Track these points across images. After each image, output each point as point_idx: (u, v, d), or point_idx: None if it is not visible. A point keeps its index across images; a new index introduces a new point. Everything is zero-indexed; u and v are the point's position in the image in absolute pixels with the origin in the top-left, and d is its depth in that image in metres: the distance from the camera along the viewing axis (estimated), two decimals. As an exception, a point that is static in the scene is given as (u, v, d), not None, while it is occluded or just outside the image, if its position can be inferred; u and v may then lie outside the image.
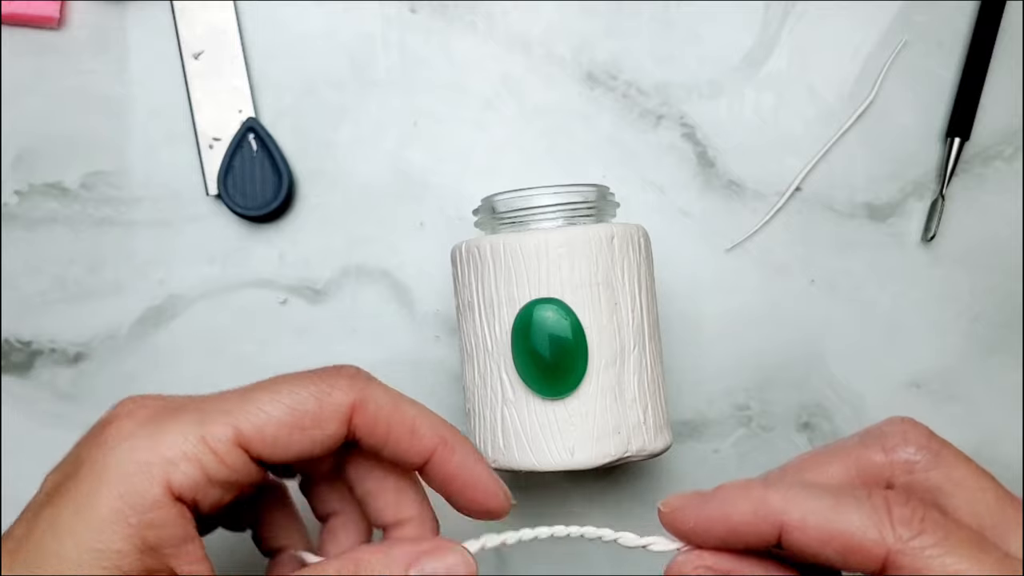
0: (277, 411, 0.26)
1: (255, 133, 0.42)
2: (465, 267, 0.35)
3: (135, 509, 0.24)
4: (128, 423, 0.26)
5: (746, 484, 0.25)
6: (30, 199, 0.42)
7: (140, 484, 0.24)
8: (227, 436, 0.25)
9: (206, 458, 0.25)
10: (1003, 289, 0.44)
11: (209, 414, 0.25)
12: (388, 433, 0.27)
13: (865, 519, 0.24)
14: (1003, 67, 0.44)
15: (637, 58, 0.44)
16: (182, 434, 0.25)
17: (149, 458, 0.25)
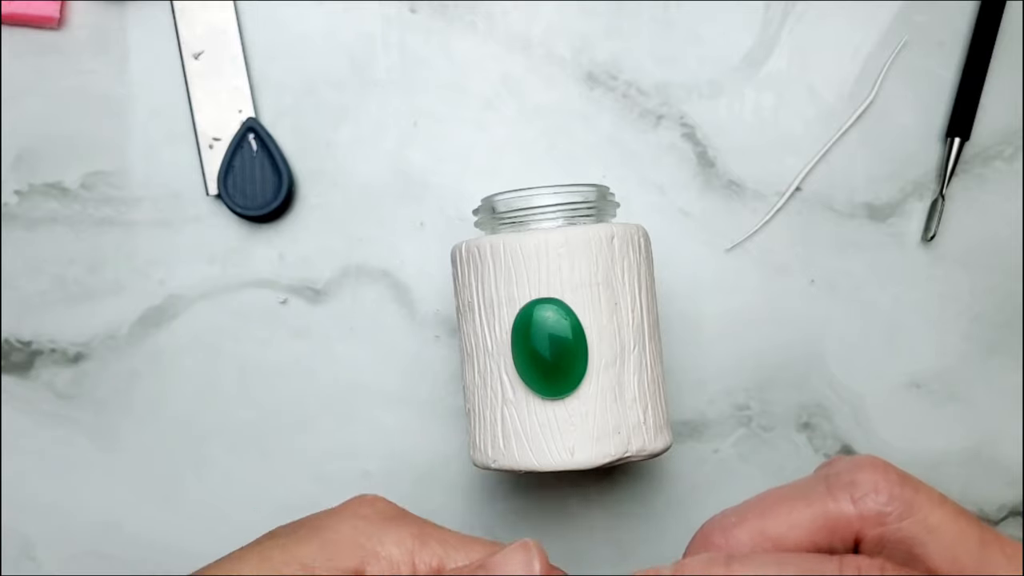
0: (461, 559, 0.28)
1: (255, 133, 0.42)
2: (465, 267, 0.35)
3: (324, 565, 0.26)
4: (364, 508, 0.28)
5: (708, 564, 0.24)
6: (30, 199, 0.42)
7: (340, 552, 0.27)
8: (431, 564, 0.27)
9: (404, 569, 0.27)
10: (1003, 289, 0.44)
11: (428, 539, 0.28)
12: None
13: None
14: (1003, 67, 0.44)
15: (637, 58, 0.44)
16: (398, 541, 0.27)
17: (362, 541, 0.27)
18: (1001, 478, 0.43)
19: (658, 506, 0.43)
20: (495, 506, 0.43)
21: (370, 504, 0.29)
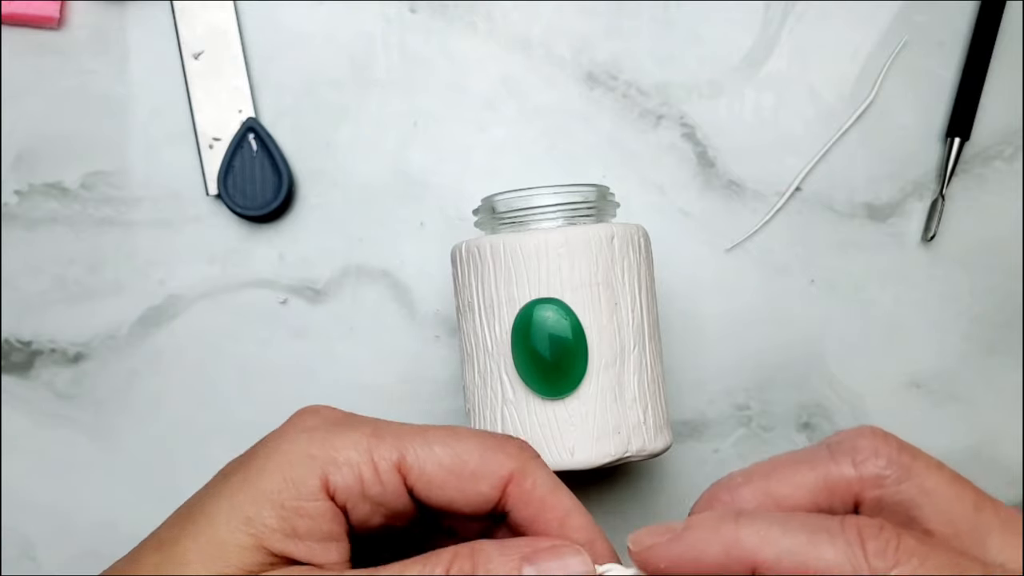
0: (442, 452, 0.26)
1: (255, 133, 0.42)
2: (465, 267, 0.35)
3: (291, 494, 0.25)
4: (312, 420, 0.27)
5: (717, 520, 0.25)
6: (30, 199, 0.42)
7: (301, 471, 0.26)
8: (391, 457, 0.26)
9: (366, 470, 0.26)
10: (1003, 289, 0.44)
11: (382, 434, 0.26)
12: (538, 516, 0.27)
13: (840, 555, 0.23)
14: (1003, 67, 0.44)
15: (637, 58, 0.44)
16: (353, 442, 0.26)
17: (317, 453, 0.26)
18: (1001, 478, 0.43)
19: (658, 506, 0.43)
20: (495, 506, 0.43)
21: (313, 413, 0.28)
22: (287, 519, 0.25)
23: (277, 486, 0.25)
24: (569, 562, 0.26)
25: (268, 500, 0.25)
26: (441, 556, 0.26)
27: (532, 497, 0.27)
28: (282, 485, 0.25)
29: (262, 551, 0.25)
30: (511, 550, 0.26)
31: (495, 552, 0.26)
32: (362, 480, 0.26)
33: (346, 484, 0.26)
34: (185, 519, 0.26)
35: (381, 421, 0.28)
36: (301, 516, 0.25)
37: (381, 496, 0.26)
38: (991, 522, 0.25)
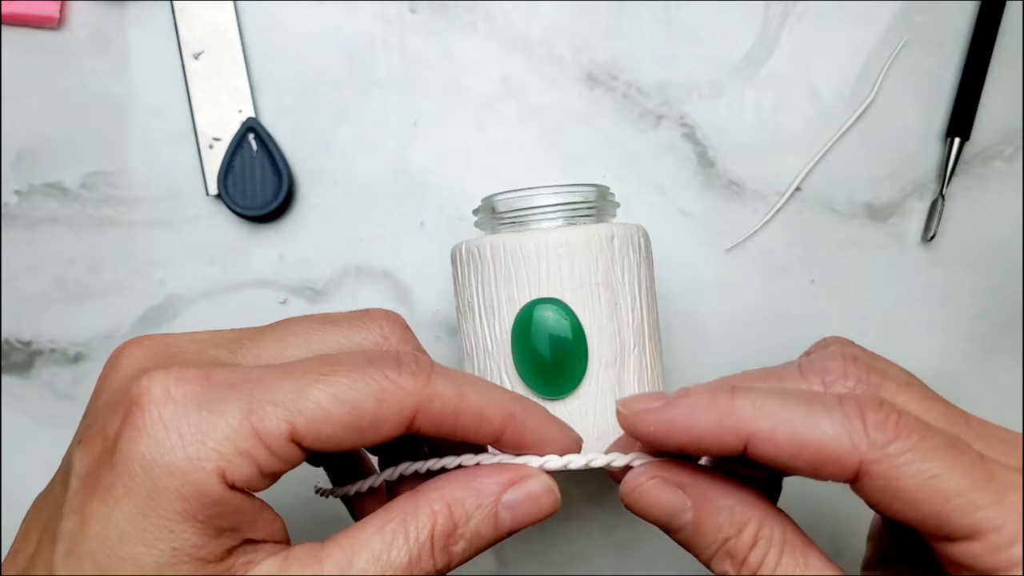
0: (335, 409, 0.24)
1: (255, 133, 0.42)
2: (465, 267, 0.35)
3: (200, 506, 0.23)
4: (168, 408, 0.23)
5: (712, 391, 0.24)
6: (30, 199, 0.42)
7: (198, 481, 0.23)
8: (282, 432, 0.24)
9: (259, 453, 0.24)
10: (1003, 289, 0.44)
11: (260, 404, 0.24)
12: (455, 426, 0.26)
13: (838, 427, 0.23)
14: (1003, 67, 0.44)
15: (637, 58, 0.44)
16: (234, 428, 0.23)
17: (200, 454, 0.23)
18: (1001, 478, 0.43)
19: (658, 506, 0.43)
20: (495, 506, 0.43)
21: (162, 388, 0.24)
22: (208, 527, 0.24)
23: (180, 506, 0.23)
24: (535, 491, 0.27)
25: (179, 523, 0.23)
26: (419, 518, 0.25)
27: (444, 416, 0.26)
28: (184, 504, 0.23)
29: (207, 565, 0.24)
30: (485, 495, 0.26)
31: (471, 500, 0.26)
32: (258, 465, 0.24)
33: (244, 474, 0.24)
34: (96, 566, 0.23)
35: (251, 379, 0.25)
36: (218, 517, 0.24)
37: (280, 468, 0.24)
38: (964, 431, 0.25)
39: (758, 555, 0.25)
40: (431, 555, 0.25)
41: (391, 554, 0.25)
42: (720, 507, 0.25)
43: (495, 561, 0.43)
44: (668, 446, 0.25)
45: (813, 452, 0.23)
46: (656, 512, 0.26)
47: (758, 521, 0.25)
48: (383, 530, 0.25)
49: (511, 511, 0.26)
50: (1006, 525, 0.22)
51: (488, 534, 0.26)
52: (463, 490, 0.26)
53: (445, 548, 0.25)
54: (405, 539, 0.25)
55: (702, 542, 0.26)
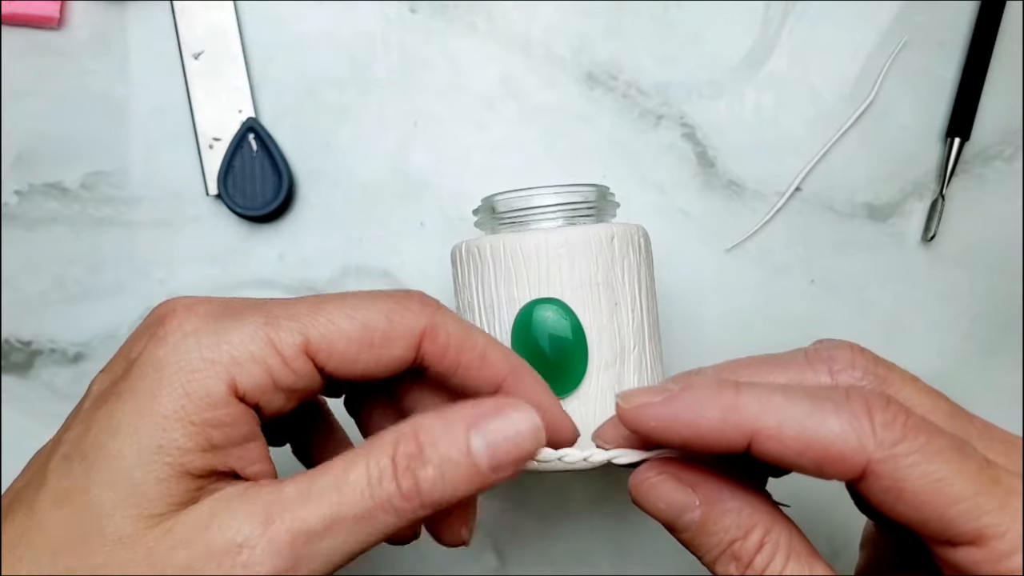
0: (348, 325, 0.25)
1: (255, 133, 0.42)
2: (465, 267, 0.35)
3: (200, 407, 0.23)
4: (190, 319, 0.24)
5: (717, 387, 0.24)
6: (30, 199, 0.42)
7: (205, 382, 0.23)
8: (295, 343, 0.24)
9: (273, 362, 0.24)
10: (1003, 289, 0.44)
11: (276, 318, 0.24)
12: (458, 361, 0.26)
13: (845, 425, 0.22)
14: (1003, 67, 0.44)
15: (637, 58, 0.44)
16: (249, 335, 0.24)
17: (215, 356, 0.23)
18: (1001, 478, 0.43)
19: (658, 506, 0.43)
20: (495, 506, 0.43)
21: (188, 310, 0.25)
22: (200, 434, 0.23)
23: (180, 403, 0.23)
24: (514, 418, 0.24)
25: (174, 420, 0.23)
26: (383, 443, 0.24)
27: (448, 346, 0.26)
28: (185, 400, 0.23)
29: (185, 478, 0.23)
30: (454, 420, 0.24)
31: (438, 425, 0.24)
32: (271, 374, 0.24)
33: (255, 383, 0.24)
34: (83, 464, 0.23)
35: (268, 303, 0.25)
36: (214, 427, 0.23)
37: (293, 383, 0.24)
38: (967, 430, 0.25)
39: (763, 559, 0.25)
40: (393, 476, 0.23)
41: (350, 475, 0.23)
42: (728, 508, 0.25)
43: (495, 561, 0.43)
44: (669, 441, 0.25)
45: (819, 451, 0.23)
46: (663, 507, 0.26)
47: (765, 525, 0.25)
48: (347, 456, 0.24)
49: (486, 438, 0.24)
50: (1009, 532, 0.22)
51: (461, 462, 0.24)
52: (431, 417, 0.24)
53: (409, 469, 0.23)
54: (366, 460, 0.24)
55: (707, 542, 0.25)
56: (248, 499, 0.23)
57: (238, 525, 0.23)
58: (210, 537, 0.23)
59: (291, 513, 0.23)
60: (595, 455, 0.27)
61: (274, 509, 0.23)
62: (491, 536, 0.43)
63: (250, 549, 0.22)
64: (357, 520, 0.23)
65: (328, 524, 0.23)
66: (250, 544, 0.23)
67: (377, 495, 0.23)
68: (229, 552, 0.22)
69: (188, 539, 0.23)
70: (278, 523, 0.23)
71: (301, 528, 0.23)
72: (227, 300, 0.25)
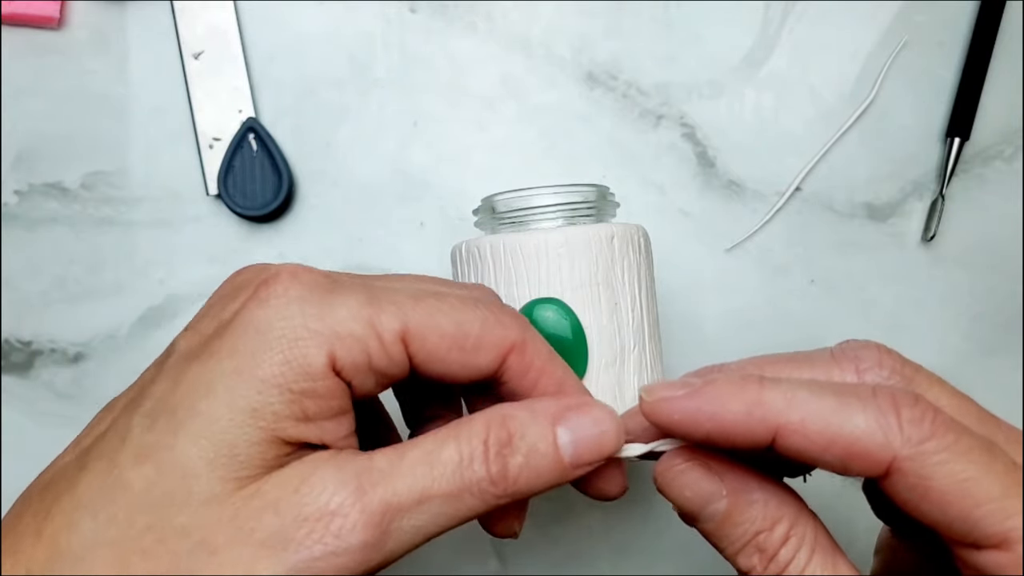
0: (445, 322, 0.25)
1: (255, 133, 0.42)
2: (465, 267, 0.35)
3: (299, 376, 0.23)
4: (295, 286, 0.24)
5: (740, 381, 0.24)
6: (30, 199, 0.42)
7: (308, 351, 0.23)
8: (395, 328, 0.24)
9: (372, 343, 0.24)
10: (1003, 289, 0.44)
11: (379, 301, 0.24)
12: (536, 384, 0.26)
13: (871, 422, 0.22)
14: (1003, 67, 0.44)
15: (637, 58, 0.44)
16: (353, 312, 0.24)
17: (318, 327, 0.23)
18: (1001, 478, 0.43)
19: (658, 506, 0.43)
20: (495, 506, 0.43)
21: (292, 276, 0.25)
22: (296, 403, 0.23)
23: (280, 369, 0.23)
24: (598, 416, 0.25)
25: (273, 386, 0.23)
26: (473, 427, 0.24)
27: (532, 367, 0.26)
28: (286, 368, 0.23)
29: (276, 443, 0.23)
30: (541, 413, 0.25)
31: (526, 416, 0.25)
32: (369, 354, 0.24)
33: (353, 360, 0.24)
34: (171, 420, 0.23)
35: (370, 284, 0.25)
36: (310, 398, 0.23)
37: (387, 368, 0.24)
38: (995, 434, 0.25)
39: (788, 552, 0.24)
40: (484, 459, 0.24)
41: (442, 453, 0.24)
42: (754, 500, 0.25)
43: (495, 561, 0.43)
44: (691, 436, 0.25)
45: (844, 446, 0.22)
46: (690, 495, 0.25)
47: (791, 519, 0.25)
48: (435, 436, 0.24)
49: (572, 433, 0.25)
50: None
51: (548, 453, 0.24)
52: (518, 407, 0.25)
53: (500, 455, 0.24)
54: (456, 441, 0.24)
55: (732, 533, 0.25)
56: (338, 466, 0.23)
57: (331, 491, 0.23)
58: (300, 501, 0.22)
59: (384, 485, 0.23)
60: (660, 445, 0.27)
61: (366, 478, 0.23)
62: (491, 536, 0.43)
63: (343, 517, 0.22)
64: (446, 498, 0.23)
65: (419, 499, 0.23)
66: (343, 512, 0.22)
67: (467, 476, 0.24)
68: (321, 519, 0.22)
69: (277, 502, 0.22)
70: (371, 493, 0.23)
71: (393, 500, 0.23)
72: (331, 272, 0.25)
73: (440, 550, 0.43)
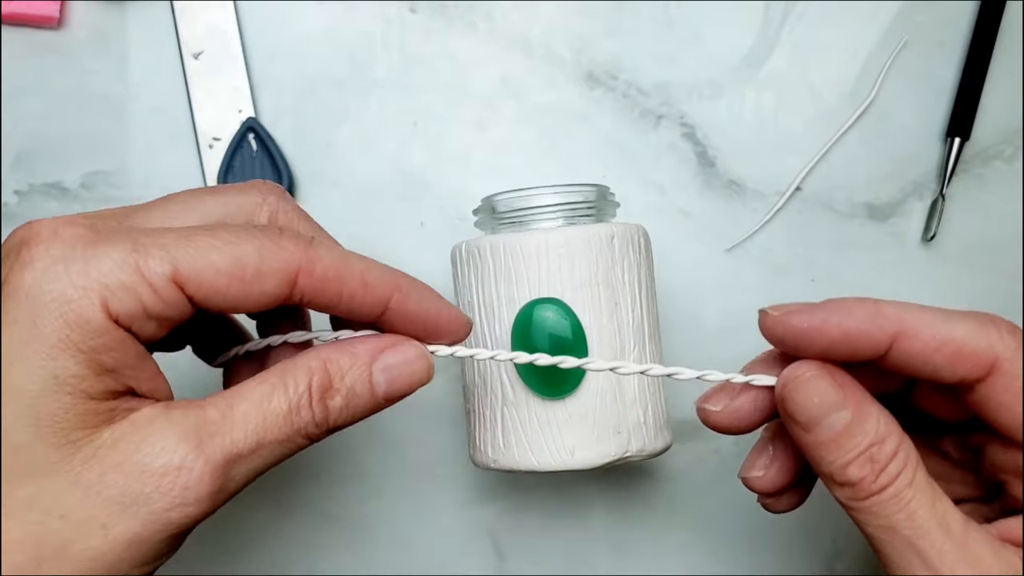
0: (218, 258, 0.25)
1: (255, 133, 0.42)
2: (465, 267, 0.35)
3: (83, 334, 0.23)
4: (56, 245, 0.24)
5: (858, 298, 0.27)
6: (30, 199, 0.42)
7: (83, 310, 0.23)
8: (164, 272, 0.24)
9: (143, 290, 0.24)
10: (1003, 289, 0.44)
11: (144, 245, 0.24)
12: (340, 292, 0.27)
13: (976, 328, 0.26)
14: (1003, 67, 0.44)
15: (637, 58, 0.44)
16: (117, 262, 0.24)
17: (86, 283, 0.23)
18: (1001, 478, 0.43)
19: (658, 506, 0.43)
20: (495, 506, 0.43)
21: (52, 233, 0.24)
22: (91, 360, 0.24)
23: (64, 332, 0.23)
24: (409, 355, 0.28)
25: (62, 350, 0.23)
26: (298, 372, 0.26)
27: (327, 280, 0.26)
28: (68, 330, 0.23)
29: (89, 401, 0.24)
30: (359, 356, 0.27)
31: (345, 360, 0.27)
32: (142, 301, 0.24)
33: (127, 309, 0.24)
34: None
35: (135, 229, 0.25)
36: (102, 352, 0.24)
37: (164, 311, 0.25)
38: None
39: (897, 466, 0.26)
40: (309, 405, 0.26)
41: (271, 402, 0.26)
42: (871, 412, 0.26)
43: (495, 560, 0.43)
44: (813, 345, 0.27)
45: (954, 348, 0.26)
46: (817, 402, 0.27)
47: (899, 435, 0.26)
48: (263, 383, 0.26)
49: (385, 372, 0.28)
50: None
51: (364, 392, 0.27)
52: (338, 352, 0.27)
53: (322, 400, 0.27)
54: (284, 390, 0.26)
55: (848, 444, 0.26)
56: (175, 422, 0.25)
57: (172, 447, 0.24)
58: (143, 460, 0.24)
59: (221, 436, 0.25)
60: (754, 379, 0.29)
61: (204, 431, 0.25)
62: (491, 535, 0.43)
63: (188, 471, 0.24)
64: (278, 443, 0.26)
65: (255, 447, 0.25)
66: (187, 466, 0.24)
67: (296, 422, 0.26)
68: (168, 473, 0.24)
69: (120, 463, 0.24)
70: (211, 445, 0.25)
71: (232, 450, 0.25)
72: (92, 224, 0.25)
73: (440, 549, 0.43)
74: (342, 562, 0.43)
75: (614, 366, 0.30)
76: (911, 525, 0.25)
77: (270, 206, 0.30)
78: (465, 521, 0.43)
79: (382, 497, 0.43)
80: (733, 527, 0.43)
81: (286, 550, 0.42)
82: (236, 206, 0.29)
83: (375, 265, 0.28)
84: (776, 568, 0.42)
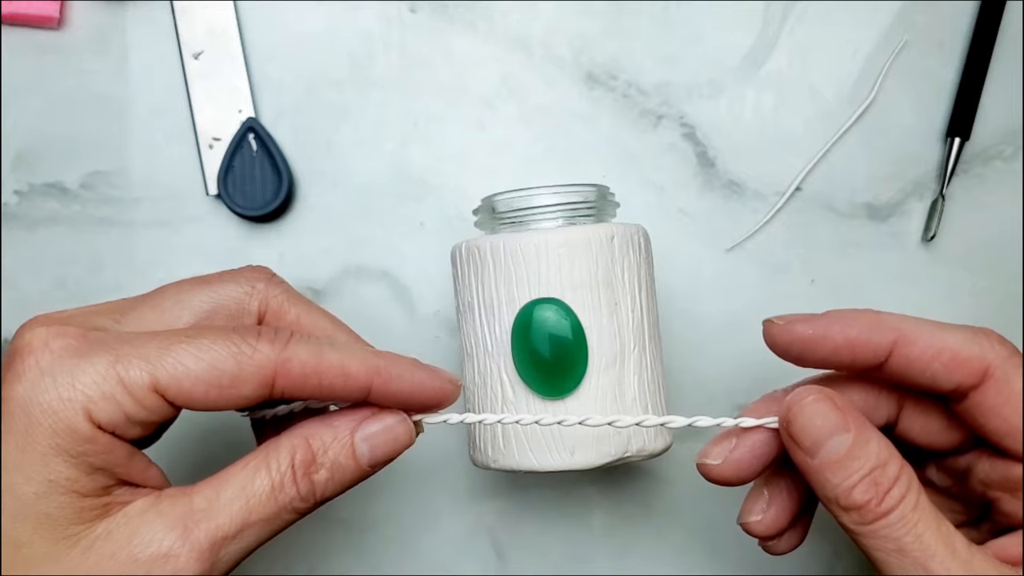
0: (195, 366, 0.26)
1: (255, 133, 0.42)
2: (465, 267, 0.35)
3: (71, 441, 0.25)
4: (45, 356, 0.26)
5: (856, 309, 0.29)
6: (30, 199, 0.42)
7: (68, 420, 0.25)
8: (144, 382, 0.26)
9: (124, 399, 0.26)
10: (1003, 289, 0.44)
11: (126, 356, 0.26)
12: (319, 384, 0.27)
13: (969, 337, 0.28)
14: (1003, 67, 0.44)
15: (637, 58, 0.44)
16: (101, 373, 0.26)
17: (71, 394, 0.25)
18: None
19: (658, 506, 0.43)
20: (495, 506, 0.43)
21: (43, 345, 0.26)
22: (81, 462, 0.25)
23: (54, 440, 0.25)
24: (389, 422, 0.29)
25: (54, 456, 0.25)
26: (280, 452, 0.28)
27: (305, 377, 0.27)
28: (57, 438, 0.25)
29: (84, 500, 0.26)
30: (340, 428, 0.28)
31: (327, 433, 0.28)
32: (123, 409, 0.26)
33: (110, 417, 0.26)
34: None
35: (122, 338, 0.27)
36: (90, 455, 0.26)
37: (147, 417, 0.26)
38: None
39: (900, 489, 0.27)
40: (293, 482, 0.27)
41: (254, 483, 0.27)
42: (872, 436, 0.27)
43: (495, 560, 0.43)
44: (816, 353, 0.29)
45: (950, 355, 0.28)
46: (820, 424, 0.27)
47: (899, 460, 0.27)
48: (247, 467, 0.27)
49: (368, 441, 0.29)
50: None
51: (348, 464, 0.28)
52: (320, 426, 0.28)
53: (306, 475, 0.28)
54: (267, 469, 0.27)
55: (850, 466, 0.27)
56: (162, 512, 0.26)
57: (160, 537, 0.26)
58: (135, 550, 0.26)
59: (207, 522, 0.26)
60: (745, 422, 0.30)
61: (190, 519, 0.26)
62: (491, 536, 0.43)
63: (175, 557, 0.26)
64: (264, 522, 0.27)
65: (240, 528, 0.27)
66: (175, 552, 0.26)
67: (280, 499, 0.27)
68: (156, 560, 0.26)
69: (114, 553, 0.26)
70: (196, 532, 0.26)
71: (218, 535, 0.26)
72: (82, 333, 0.27)
73: (440, 550, 0.43)
74: (342, 562, 0.43)
75: (611, 420, 0.31)
76: (920, 547, 0.26)
77: (259, 294, 0.32)
78: (465, 521, 0.43)
79: (382, 497, 0.43)
80: (733, 527, 0.43)
81: (286, 550, 0.42)
82: (226, 297, 0.31)
83: (354, 353, 0.28)
84: (776, 568, 0.42)
